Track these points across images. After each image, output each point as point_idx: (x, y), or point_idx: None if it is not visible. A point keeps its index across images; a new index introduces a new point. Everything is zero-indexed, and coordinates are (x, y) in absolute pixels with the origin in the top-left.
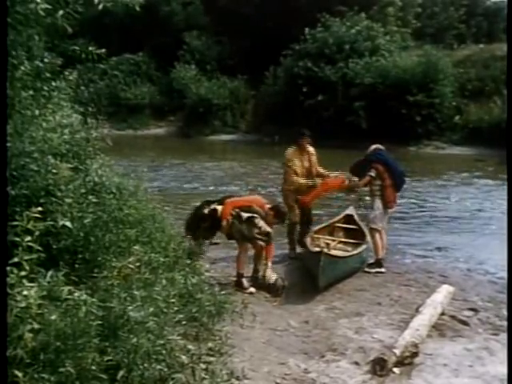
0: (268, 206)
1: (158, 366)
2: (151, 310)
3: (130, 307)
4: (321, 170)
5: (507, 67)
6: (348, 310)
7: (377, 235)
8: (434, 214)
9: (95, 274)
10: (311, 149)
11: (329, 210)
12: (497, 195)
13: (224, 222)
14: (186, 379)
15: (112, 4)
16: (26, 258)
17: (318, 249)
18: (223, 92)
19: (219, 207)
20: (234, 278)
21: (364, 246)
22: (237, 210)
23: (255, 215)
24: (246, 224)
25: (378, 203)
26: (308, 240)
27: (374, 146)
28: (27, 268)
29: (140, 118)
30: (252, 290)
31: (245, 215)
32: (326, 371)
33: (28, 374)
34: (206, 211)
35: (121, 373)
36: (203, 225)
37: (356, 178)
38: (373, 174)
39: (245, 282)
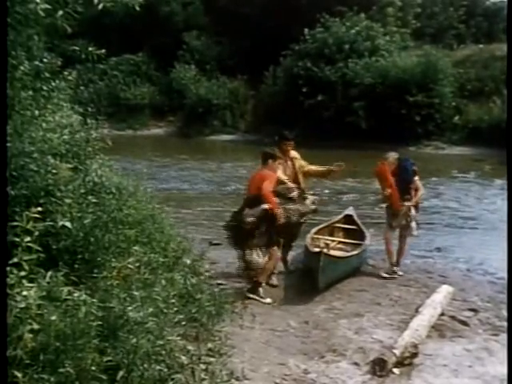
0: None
1: (158, 367)
2: (151, 310)
3: (130, 308)
4: (312, 167)
5: (507, 67)
6: (348, 311)
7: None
8: (433, 215)
9: (95, 275)
10: (294, 153)
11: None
12: (496, 195)
13: (279, 212)
14: (185, 380)
15: (112, 4)
16: (26, 258)
17: (317, 249)
18: (223, 92)
19: (265, 205)
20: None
21: (363, 247)
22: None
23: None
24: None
25: (414, 211)
26: (308, 240)
27: (393, 154)
28: (27, 268)
29: (140, 118)
30: (269, 300)
31: (287, 186)
32: (326, 372)
33: (28, 374)
34: (250, 220)
35: (120, 373)
36: (257, 231)
37: None
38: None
39: (261, 290)
